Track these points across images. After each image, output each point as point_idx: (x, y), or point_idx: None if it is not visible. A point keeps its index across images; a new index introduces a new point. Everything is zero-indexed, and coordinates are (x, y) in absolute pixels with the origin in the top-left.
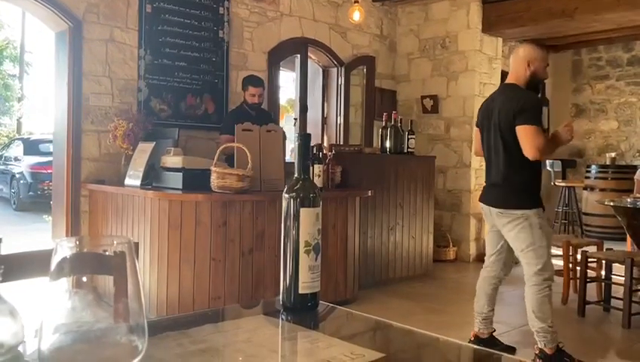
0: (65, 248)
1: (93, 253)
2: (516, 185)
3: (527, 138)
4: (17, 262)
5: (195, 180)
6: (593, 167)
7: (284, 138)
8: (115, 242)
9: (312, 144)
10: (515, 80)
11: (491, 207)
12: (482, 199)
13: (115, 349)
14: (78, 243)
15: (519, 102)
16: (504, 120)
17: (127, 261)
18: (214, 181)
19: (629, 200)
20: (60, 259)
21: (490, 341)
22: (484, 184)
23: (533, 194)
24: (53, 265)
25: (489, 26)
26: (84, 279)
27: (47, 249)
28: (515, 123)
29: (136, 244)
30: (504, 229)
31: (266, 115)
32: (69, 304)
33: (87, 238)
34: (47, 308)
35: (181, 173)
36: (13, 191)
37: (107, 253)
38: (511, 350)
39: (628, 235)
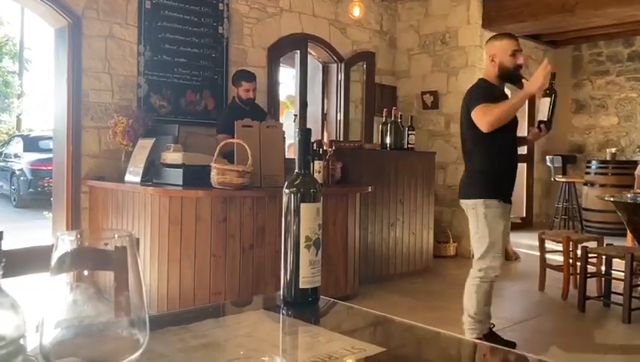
0: (66, 242)
1: (94, 247)
2: (469, 175)
3: (476, 116)
4: (19, 258)
5: (196, 176)
6: (593, 162)
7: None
8: (116, 236)
9: (312, 140)
10: (485, 75)
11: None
12: None
13: (116, 343)
14: (79, 237)
15: (468, 96)
16: (462, 115)
17: (129, 255)
18: (214, 177)
19: (629, 195)
20: (62, 253)
21: (490, 336)
22: None
23: (486, 184)
24: (54, 260)
25: (489, 22)
26: (85, 273)
27: (48, 244)
28: (469, 114)
29: (137, 240)
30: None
31: (260, 110)
32: (70, 298)
33: (89, 232)
34: (48, 302)
35: (181, 170)
36: (13, 188)
37: (108, 247)
38: (511, 344)
39: (628, 231)
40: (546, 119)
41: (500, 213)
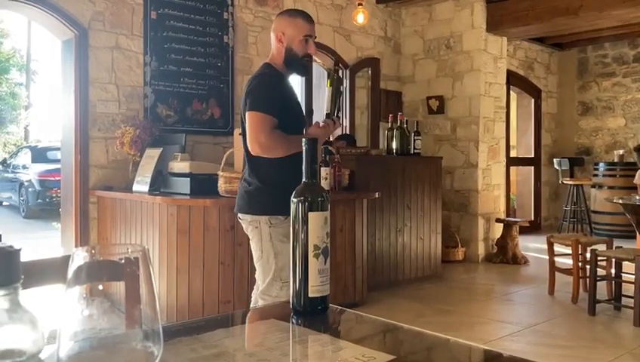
0: (81, 256)
1: (108, 260)
2: (250, 184)
3: (250, 126)
4: (29, 270)
5: (203, 185)
6: (601, 164)
7: None
8: (129, 250)
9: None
10: (272, 60)
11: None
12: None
13: (131, 355)
14: (93, 251)
15: (248, 89)
16: (242, 111)
17: (142, 268)
18: (222, 185)
19: (637, 197)
20: (77, 267)
21: None
22: None
23: (271, 196)
24: (70, 273)
25: (493, 26)
26: (100, 287)
27: (58, 256)
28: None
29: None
30: None
31: None
32: (86, 311)
33: (103, 246)
34: (64, 315)
35: (189, 179)
36: (22, 198)
37: (122, 261)
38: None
39: (637, 233)
40: (328, 111)
41: (289, 232)
